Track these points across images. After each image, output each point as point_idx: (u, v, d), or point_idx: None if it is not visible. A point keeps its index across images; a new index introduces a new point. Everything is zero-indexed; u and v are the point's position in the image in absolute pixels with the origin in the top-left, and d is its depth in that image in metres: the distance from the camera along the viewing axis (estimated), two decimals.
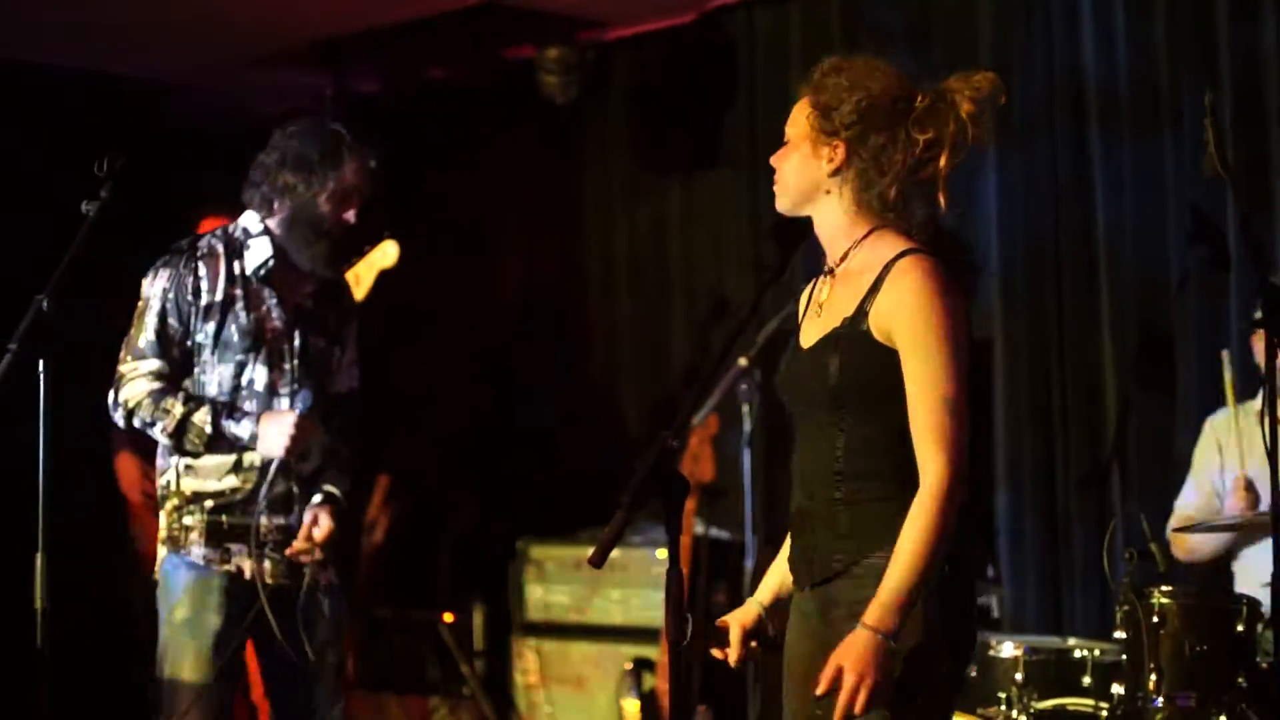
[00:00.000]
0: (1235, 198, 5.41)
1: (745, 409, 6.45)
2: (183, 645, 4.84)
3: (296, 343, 4.96)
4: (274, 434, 4.82)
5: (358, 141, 4.97)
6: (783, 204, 3.69)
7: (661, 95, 7.70)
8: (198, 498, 4.87)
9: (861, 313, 3.53)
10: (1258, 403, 5.02)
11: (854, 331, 3.54)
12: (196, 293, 4.85)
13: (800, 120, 3.65)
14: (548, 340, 8.09)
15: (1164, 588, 4.80)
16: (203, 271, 4.87)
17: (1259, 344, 4.95)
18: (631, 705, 6.68)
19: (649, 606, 6.95)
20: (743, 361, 6.31)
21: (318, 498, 4.99)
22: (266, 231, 4.96)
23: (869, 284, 3.55)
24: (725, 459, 6.58)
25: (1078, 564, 6.25)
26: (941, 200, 3.63)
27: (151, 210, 6.02)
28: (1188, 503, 5.51)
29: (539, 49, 7.70)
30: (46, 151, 7.50)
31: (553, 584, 7.28)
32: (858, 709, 3.32)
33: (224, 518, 4.87)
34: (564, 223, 8.11)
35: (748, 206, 7.24)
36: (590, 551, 6.87)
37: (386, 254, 6.33)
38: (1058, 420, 6.31)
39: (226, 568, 4.86)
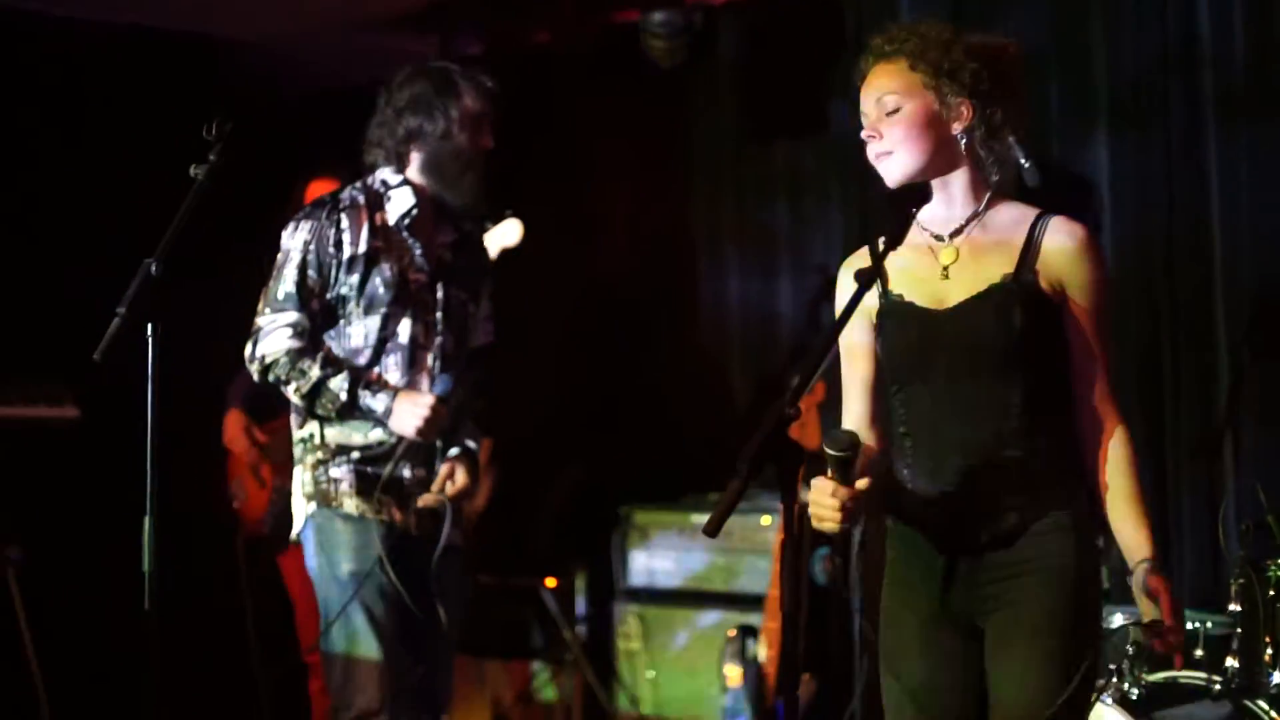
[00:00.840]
0: None
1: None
2: (353, 609, 4.84)
3: (439, 295, 4.96)
4: (407, 414, 4.82)
5: (466, 69, 4.98)
6: (901, 170, 3.65)
7: (769, 60, 7.61)
8: (343, 450, 4.88)
9: (1026, 268, 3.56)
10: None
11: (1025, 286, 3.56)
12: (339, 245, 4.85)
13: (904, 84, 3.61)
14: (654, 306, 8.05)
15: None
16: (345, 224, 4.87)
17: None
18: (734, 672, 6.64)
19: (753, 573, 6.93)
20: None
21: (454, 451, 4.99)
22: (406, 182, 4.96)
23: (1022, 239, 3.58)
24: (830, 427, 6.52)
25: (1187, 534, 6.17)
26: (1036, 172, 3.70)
27: (256, 175, 6.02)
28: None
29: (644, 12, 7.63)
30: (154, 115, 7.53)
31: (656, 550, 7.27)
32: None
33: (369, 469, 4.88)
34: (669, 188, 8.05)
35: (856, 172, 7.14)
36: (693, 517, 7.05)
37: (509, 232, 6.32)
38: (1168, 388, 6.21)
39: (381, 517, 4.87)
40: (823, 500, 3.38)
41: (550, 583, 7.45)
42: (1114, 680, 4.95)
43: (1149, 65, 6.23)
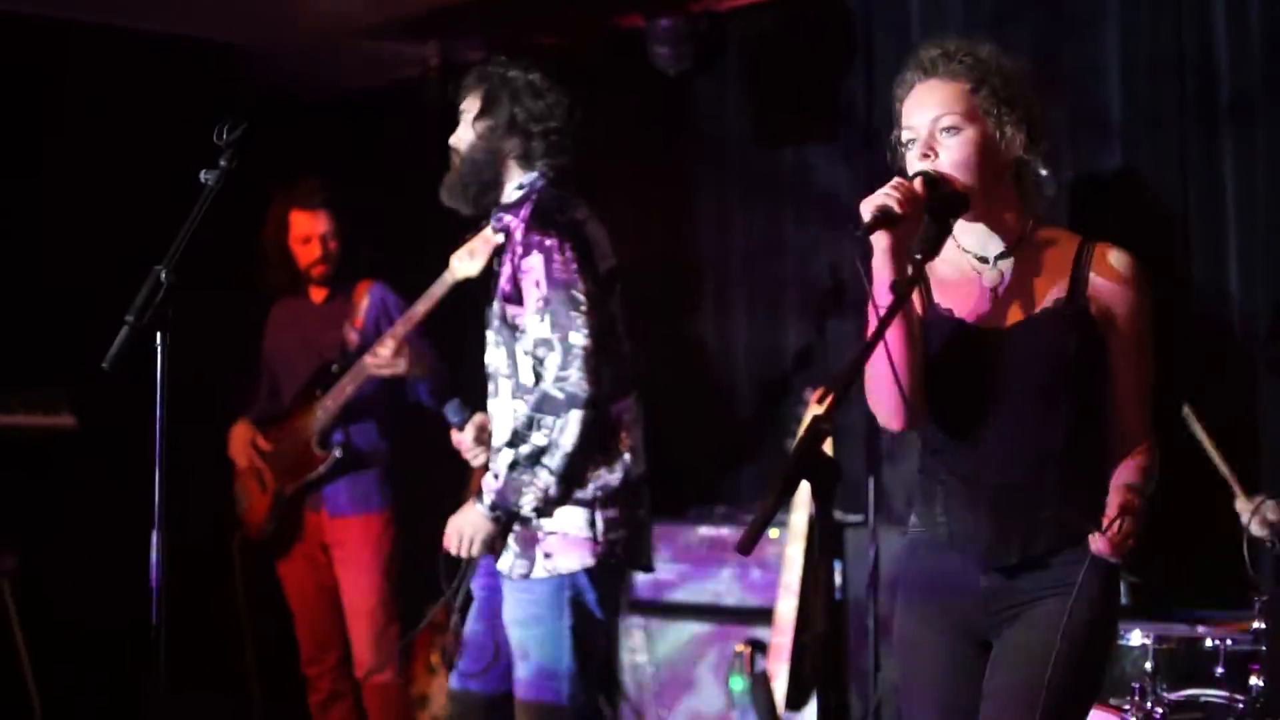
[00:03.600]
0: None
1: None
2: None
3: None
4: None
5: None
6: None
7: (776, 67, 7.55)
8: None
9: (1078, 292, 3.57)
10: None
11: (1078, 311, 3.56)
12: None
13: (966, 106, 3.59)
14: (657, 315, 7.97)
15: None
16: None
17: None
18: (742, 686, 6.58)
19: (760, 587, 6.86)
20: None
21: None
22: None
23: (1069, 266, 3.59)
24: (847, 439, 6.47)
25: (1207, 550, 6.08)
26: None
27: (253, 180, 5.99)
28: None
29: (650, 18, 7.57)
30: (158, 120, 7.47)
31: (662, 562, 7.19)
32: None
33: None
34: (674, 196, 7.98)
35: (864, 181, 7.08)
36: (699, 530, 6.98)
37: None
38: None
39: None
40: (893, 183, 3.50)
41: None
42: (1135, 698, 4.89)
43: (1163, 72, 6.15)
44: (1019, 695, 3.51)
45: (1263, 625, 4.75)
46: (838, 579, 3.13)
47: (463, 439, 5.02)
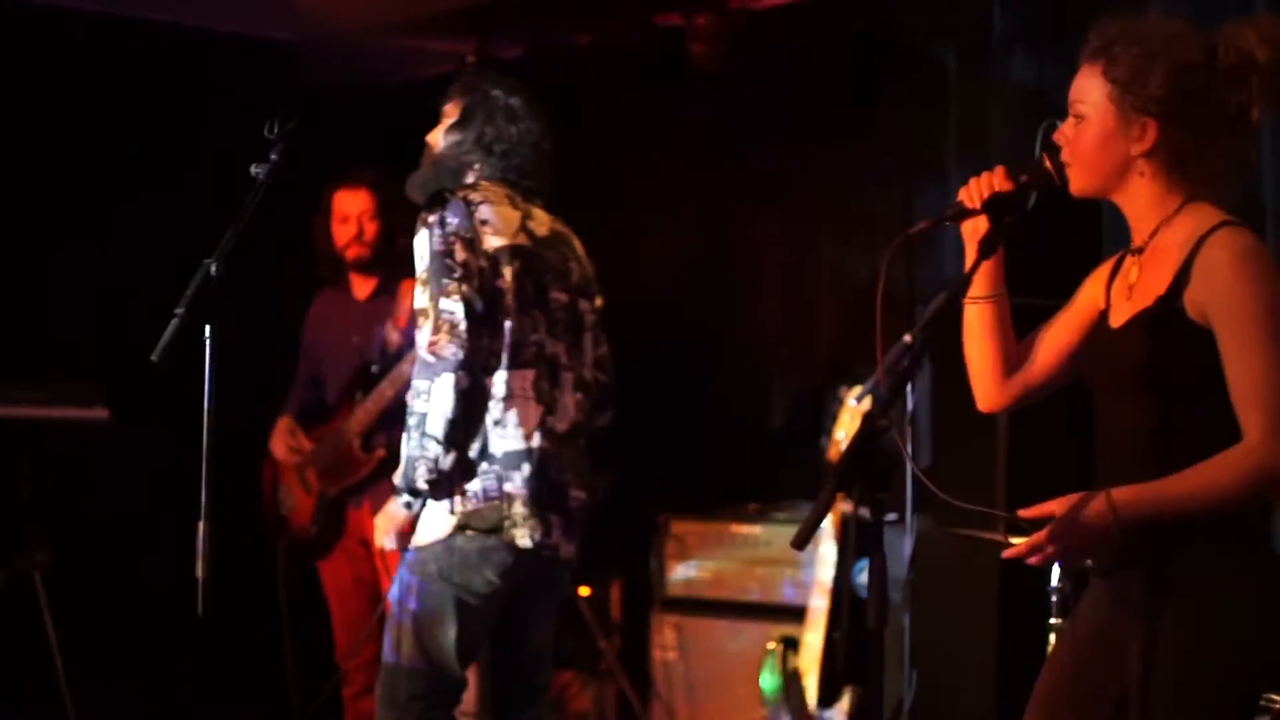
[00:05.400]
0: None
1: (908, 386, 6.31)
2: None
3: None
4: None
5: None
6: (1082, 187, 3.54)
7: (813, 64, 7.55)
8: None
9: (1176, 291, 3.38)
10: None
11: (1168, 310, 3.39)
12: None
13: (1096, 94, 3.46)
14: (693, 313, 7.98)
15: None
16: None
17: None
18: (774, 684, 6.57)
19: (793, 585, 6.86)
20: (907, 338, 6.15)
21: None
22: None
23: (1182, 259, 3.39)
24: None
25: None
26: (1254, 155, 3.54)
27: (295, 174, 6.02)
28: None
29: (688, 16, 7.57)
30: (202, 115, 7.50)
31: (694, 559, 7.20)
32: (1032, 562, 3.33)
33: None
34: (711, 194, 7.98)
35: (903, 179, 7.09)
36: (733, 527, 6.99)
37: None
38: None
39: None
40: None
41: (584, 591, 7.37)
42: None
43: None
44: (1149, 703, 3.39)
45: None
46: (879, 578, 3.09)
47: None
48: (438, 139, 5.03)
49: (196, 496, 4.13)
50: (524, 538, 4.75)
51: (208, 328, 4.09)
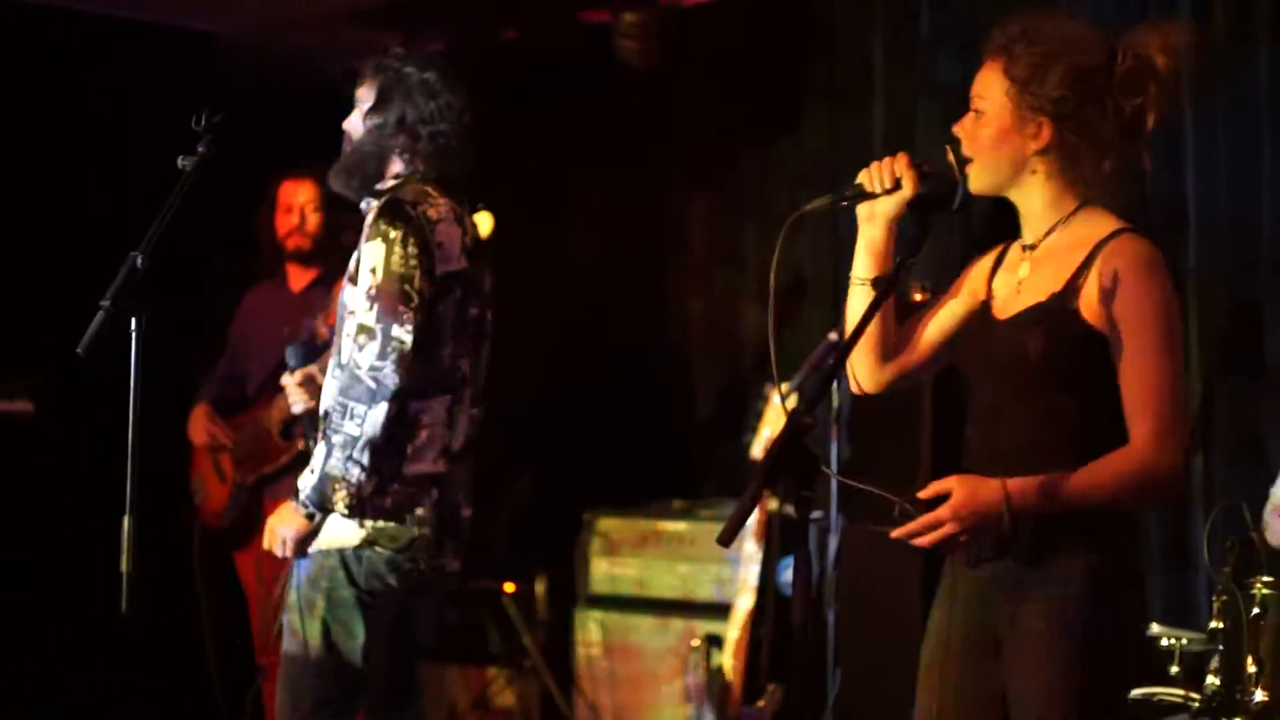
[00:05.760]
0: None
1: (834, 384, 6.34)
2: None
3: None
4: None
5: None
6: (979, 184, 3.57)
7: (741, 61, 7.57)
8: None
9: (1072, 290, 3.44)
10: None
11: (1062, 308, 3.44)
12: None
13: (995, 92, 3.52)
14: (621, 308, 7.99)
15: (1265, 578, 4.70)
16: None
17: None
18: (698, 682, 6.59)
19: (716, 582, 6.88)
20: (833, 335, 6.19)
21: None
22: None
23: (1079, 261, 3.45)
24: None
25: (1155, 550, 6.14)
26: (1146, 163, 3.54)
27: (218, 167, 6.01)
28: None
29: (616, 13, 7.57)
30: (128, 106, 7.45)
31: (618, 556, 7.21)
32: (923, 542, 3.33)
33: None
34: (640, 191, 7.99)
35: (829, 176, 7.11)
36: (658, 524, 7.00)
37: (480, 225, 6.24)
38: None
39: None
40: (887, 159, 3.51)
41: (509, 587, 7.38)
42: None
43: None
44: (1023, 704, 3.47)
45: (1220, 625, 4.77)
46: (804, 574, 3.10)
47: (289, 381, 5.02)
48: (356, 125, 4.95)
49: (122, 491, 4.10)
50: (424, 561, 4.76)
51: (134, 320, 4.06)
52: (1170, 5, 6.13)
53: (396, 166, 4.87)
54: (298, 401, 5.01)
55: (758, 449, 6.44)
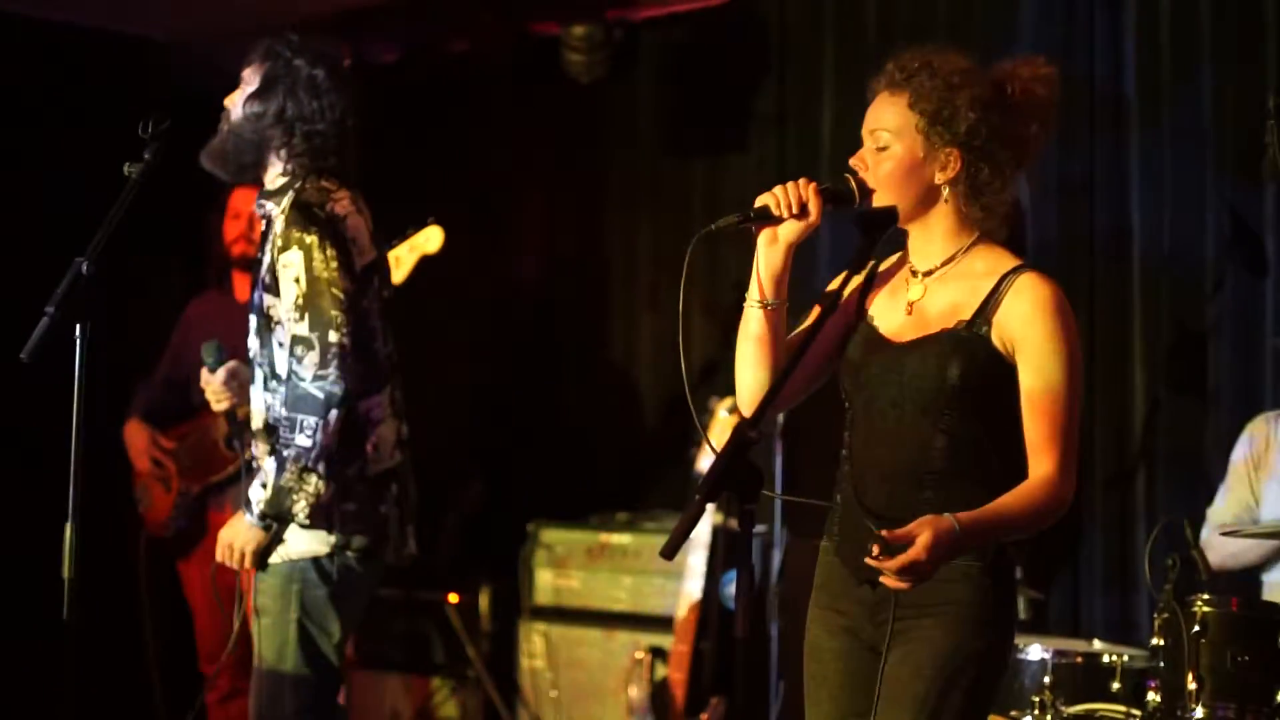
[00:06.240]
0: None
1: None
2: None
3: None
4: None
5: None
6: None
7: (690, 78, 7.58)
8: None
9: (983, 319, 3.52)
10: None
11: (974, 336, 3.52)
12: None
13: (898, 123, 3.58)
14: (566, 321, 8.00)
15: (1205, 596, 4.74)
16: None
17: None
18: (641, 694, 6.60)
19: (660, 594, 6.88)
20: None
21: None
22: None
23: (986, 291, 3.55)
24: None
25: (1099, 568, 6.17)
26: (1027, 190, 3.63)
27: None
28: (1223, 509, 5.42)
29: (565, 25, 7.59)
30: (77, 112, 7.42)
31: (563, 568, 7.20)
32: (899, 584, 3.34)
33: None
34: (586, 203, 8.00)
35: None
36: (602, 536, 7.00)
37: (430, 239, 6.25)
38: (1084, 420, 6.20)
39: None
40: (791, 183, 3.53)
41: (453, 598, 7.36)
42: (1034, 712, 4.96)
43: (1078, 87, 6.21)
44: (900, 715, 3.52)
45: (1161, 641, 4.81)
46: (745, 587, 3.11)
47: (212, 380, 4.98)
48: (237, 105, 4.89)
49: (64, 497, 4.09)
50: (394, 554, 4.76)
51: (79, 327, 4.04)
52: (1117, 42, 6.19)
53: (274, 161, 4.82)
54: (221, 401, 4.98)
55: (702, 463, 6.46)
